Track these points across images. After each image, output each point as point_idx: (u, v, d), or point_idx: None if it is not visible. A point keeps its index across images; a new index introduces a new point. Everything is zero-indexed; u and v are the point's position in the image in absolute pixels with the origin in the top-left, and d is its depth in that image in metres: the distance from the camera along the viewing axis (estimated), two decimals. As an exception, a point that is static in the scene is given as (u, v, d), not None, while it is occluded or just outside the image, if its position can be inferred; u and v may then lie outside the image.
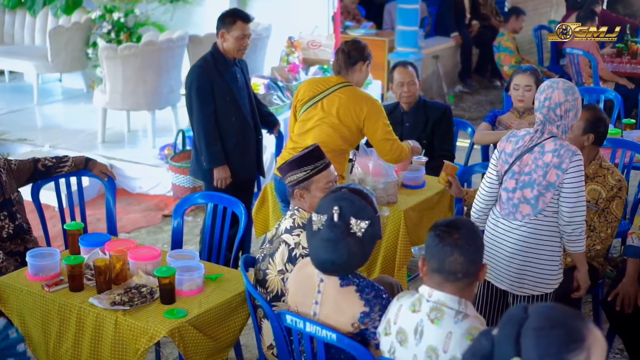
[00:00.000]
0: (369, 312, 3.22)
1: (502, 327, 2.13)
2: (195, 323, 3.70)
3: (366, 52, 5.09)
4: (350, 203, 3.23)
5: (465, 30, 11.95)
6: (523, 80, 5.72)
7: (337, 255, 3.20)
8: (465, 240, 2.87)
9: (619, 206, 4.61)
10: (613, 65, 9.69)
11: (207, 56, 5.52)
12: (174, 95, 8.20)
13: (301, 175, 3.85)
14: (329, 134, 4.94)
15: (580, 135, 4.59)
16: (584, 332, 2.05)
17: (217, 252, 4.78)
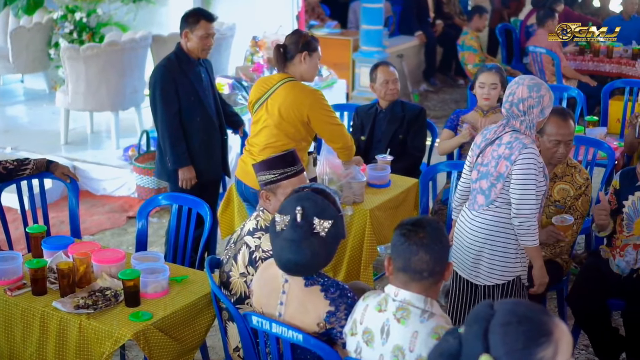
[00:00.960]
0: (334, 312, 3.21)
1: (469, 325, 2.13)
2: (161, 325, 3.68)
3: (303, 42, 4.94)
4: (313, 203, 3.22)
5: (429, 29, 11.99)
6: (489, 78, 5.75)
7: (300, 256, 3.18)
8: (430, 239, 2.88)
9: (584, 203, 4.64)
10: (576, 63, 9.78)
11: (171, 56, 5.49)
12: (137, 96, 8.14)
13: (269, 177, 3.84)
14: (276, 135, 4.90)
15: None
16: (550, 327, 2.07)
17: (182, 254, 4.75)
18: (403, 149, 5.99)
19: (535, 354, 2.03)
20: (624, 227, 4.57)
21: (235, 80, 7.91)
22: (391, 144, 5.97)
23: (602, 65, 9.74)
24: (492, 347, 2.05)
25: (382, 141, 6.01)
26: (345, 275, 5.10)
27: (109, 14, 9.55)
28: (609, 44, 9.82)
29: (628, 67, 9.52)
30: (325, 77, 8.70)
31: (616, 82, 8.09)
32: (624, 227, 4.57)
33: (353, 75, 10.46)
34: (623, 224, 4.58)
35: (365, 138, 6.13)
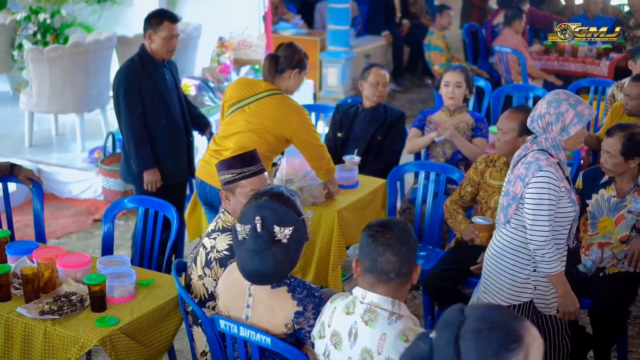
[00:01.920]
0: (302, 312, 3.20)
1: (439, 331, 2.12)
2: (127, 330, 3.64)
3: (297, 60, 4.97)
4: (272, 211, 3.19)
5: (395, 29, 12.01)
6: (453, 77, 5.79)
7: (263, 266, 3.16)
8: (397, 240, 2.87)
9: None
10: (541, 63, 9.84)
11: (135, 57, 5.45)
12: (102, 97, 8.07)
13: (228, 177, 3.82)
14: (254, 140, 4.84)
15: (515, 137, 4.61)
16: (522, 332, 2.06)
17: (149, 257, 4.71)
18: (379, 151, 5.99)
19: (507, 359, 2.03)
20: (588, 226, 4.60)
21: (201, 81, 7.87)
22: (369, 143, 5.97)
23: (568, 65, 9.81)
24: (463, 354, 2.04)
25: (360, 140, 6.01)
26: (314, 276, 5.09)
27: (73, 14, 9.44)
28: (574, 43, 9.89)
29: (593, 67, 9.60)
30: (292, 78, 8.67)
31: (581, 81, 8.16)
32: (589, 227, 4.60)
33: (320, 75, 10.45)
34: (587, 223, 4.60)
35: (342, 135, 6.13)
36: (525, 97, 7.72)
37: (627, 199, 4.50)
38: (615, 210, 4.52)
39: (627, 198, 4.50)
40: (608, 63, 9.48)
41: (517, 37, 9.69)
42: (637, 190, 4.49)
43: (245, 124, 4.89)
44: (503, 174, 4.74)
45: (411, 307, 5.46)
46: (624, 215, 4.51)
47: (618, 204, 4.51)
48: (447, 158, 5.77)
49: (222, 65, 8.27)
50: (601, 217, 4.55)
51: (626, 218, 4.51)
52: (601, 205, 4.53)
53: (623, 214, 4.51)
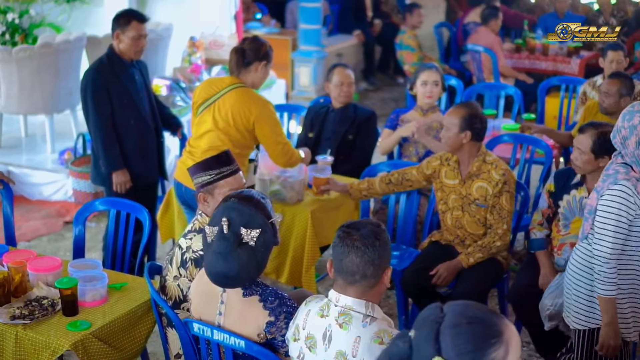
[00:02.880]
0: (274, 321, 3.18)
1: (419, 328, 2.11)
2: (100, 334, 3.62)
3: (263, 52, 4.98)
4: (239, 213, 3.18)
5: (367, 28, 12.02)
6: (431, 76, 5.81)
7: (228, 268, 3.15)
8: (362, 242, 2.85)
9: (508, 200, 4.67)
10: (512, 61, 9.89)
11: (103, 58, 5.41)
12: (72, 98, 7.99)
13: (206, 179, 3.81)
14: (222, 139, 4.85)
15: (457, 133, 4.66)
16: (501, 327, 2.07)
17: (121, 260, 4.67)
18: (351, 151, 5.98)
19: (487, 355, 2.04)
20: (560, 227, 4.62)
21: (172, 81, 7.83)
22: (340, 143, 5.96)
23: (538, 63, 9.87)
24: (443, 350, 2.04)
25: (331, 140, 6.00)
26: (288, 277, 5.08)
27: (42, 14, 9.35)
28: (544, 41, 9.95)
29: (564, 65, 9.66)
30: (264, 78, 8.65)
31: (552, 79, 8.21)
32: (561, 227, 4.62)
33: (292, 74, 10.43)
34: (560, 224, 4.62)
35: (313, 135, 6.12)
36: (496, 96, 7.75)
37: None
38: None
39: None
40: (579, 61, 9.55)
41: (492, 35, 9.73)
42: None
43: (213, 122, 4.88)
44: (456, 172, 4.78)
45: (385, 306, 5.46)
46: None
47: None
48: (420, 157, 5.78)
49: (194, 65, 8.23)
50: (573, 218, 4.56)
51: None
52: (572, 206, 4.55)
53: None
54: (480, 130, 4.68)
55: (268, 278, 5.28)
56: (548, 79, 8.27)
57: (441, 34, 11.57)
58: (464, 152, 4.72)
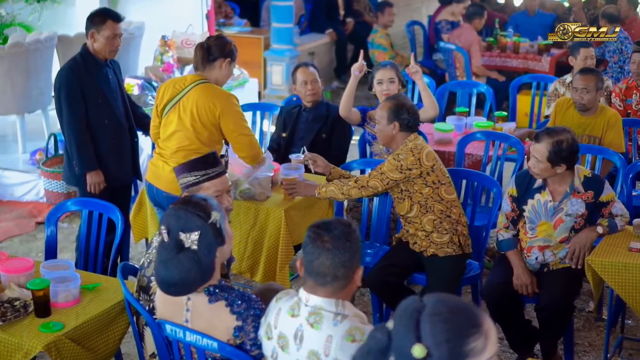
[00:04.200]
0: (242, 326, 3.15)
1: (398, 318, 2.13)
2: (73, 336, 3.60)
3: (228, 49, 4.97)
4: (176, 219, 3.18)
5: (339, 27, 12.03)
6: (385, 74, 5.84)
7: (169, 275, 3.15)
8: (333, 244, 2.85)
9: (389, 163, 4.70)
10: (484, 59, 9.94)
11: (77, 57, 5.37)
12: (44, 98, 7.94)
13: (191, 180, 3.85)
14: (189, 138, 4.84)
15: (386, 125, 4.76)
16: (480, 318, 2.10)
17: (93, 260, 4.65)
18: (326, 150, 5.97)
19: (468, 344, 2.06)
20: (527, 229, 4.66)
21: (144, 80, 7.79)
22: (314, 142, 5.97)
23: (510, 61, 9.94)
24: (423, 337, 2.06)
25: (305, 139, 6.00)
26: (263, 276, 5.07)
27: (12, 14, 9.27)
28: (515, 39, 10.02)
29: (534, 62, 9.74)
30: (237, 76, 8.64)
31: (523, 77, 8.26)
32: (527, 230, 4.65)
33: (265, 73, 10.42)
34: (526, 227, 4.66)
35: (286, 135, 6.12)
36: (469, 94, 7.79)
37: (563, 203, 4.54)
38: (553, 214, 4.57)
39: (564, 202, 4.54)
40: (549, 59, 9.63)
41: (474, 34, 9.78)
42: (573, 194, 4.53)
43: (179, 122, 4.87)
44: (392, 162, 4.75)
45: (360, 304, 5.48)
46: (562, 218, 4.56)
47: (555, 208, 4.56)
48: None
49: (166, 64, 8.19)
50: (539, 222, 4.60)
51: (564, 221, 4.56)
52: (538, 210, 4.58)
53: (561, 217, 4.56)
54: (408, 120, 4.74)
55: (242, 277, 5.28)
56: (519, 77, 8.32)
57: (413, 32, 11.60)
58: (397, 144, 4.78)
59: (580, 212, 4.54)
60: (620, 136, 5.93)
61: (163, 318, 3.35)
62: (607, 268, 4.32)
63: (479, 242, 5.22)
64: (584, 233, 4.57)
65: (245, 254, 5.12)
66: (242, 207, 5.08)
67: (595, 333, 5.24)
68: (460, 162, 6.05)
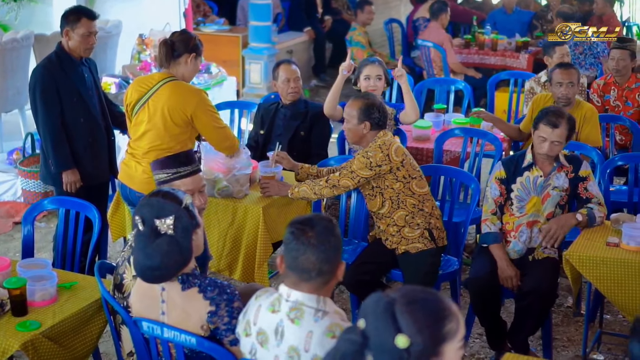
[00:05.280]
0: (215, 311, 3.18)
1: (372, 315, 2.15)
2: (50, 334, 3.58)
3: (192, 44, 4.90)
4: (149, 207, 3.21)
5: (317, 25, 12.02)
6: (373, 70, 5.83)
7: (150, 260, 3.16)
8: (318, 239, 2.86)
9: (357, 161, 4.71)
10: (462, 56, 9.97)
11: (52, 56, 5.34)
12: (20, 97, 7.90)
13: (163, 177, 3.87)
14: (161, 137, 4.81)
15: (356, 125, 4.76)
16: (447, 302, 2.17)
17: (71, 259, 4.63)
18: (306, 148, 5.97)
19: (444, 326, 2.13)
20: (514, 210, 4.69)
21: (122, 79, 7.75)
22: (292, 139, 5.96)
23: (487, 58, 9.97)
24: (404, 328, 2.09)
25: (283, 136, 5.98)
26: (242, 273, 5.07)
27: (-12, 13, 9.24)
28: (493, 36, 10.05)
29: (512, 60, 9.77)
30: (215, 75, 8.61)
31: (501, 74, 8.30)
32: (514, 211, 4.69)
33: (243, 72, 10.40)
34: (513, 208, 4.69)
35: (264, 132, 6.10)
36: (447, 91, 7.80)
37: (551, 177, 4.65)
38: (542, 189, 4.66)
39: (550, 177, 4.65)
40: (527, 56, 9.68)
41: (442, 32, 9.80)
42: (558, 169, 4.66)
43: (149, 121, 4.84)
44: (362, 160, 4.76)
45: (339, 301, 5.48)
46: (549, 192, 4.66)
47: (544, 183, 4.66)
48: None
49: (143, 63, 8.16)
50: (529, 198, 4.68)
51: (551, 195, 4.67)
52: (527, 186, 4.68)
53: (549, 191, 4.66)
54: (379, 119, 4.75)
55: (221, 275, 5.27)
56: (497, 74, 8.35)
57: (391, 30, 11.62)
58: (367, 142, 4.78)
59: (565, 187, 4.66)
60: (597, 130, 5.97)
61: (139, 314, 3.35)
62: (586, 263, 4.35)
63: (458, 238, 5.24)
64: (563, 216, 4.66)
65: (224, 252, 5.11)
66: (221, 205, 5.07)
67: (574, 328, 5.26)
68: (438, 159, 6.07)
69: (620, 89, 6.72)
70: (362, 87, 5.88)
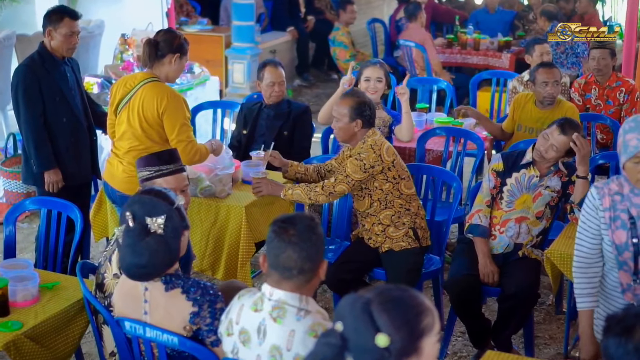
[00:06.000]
0: (198, 312, 3.18)
1: (349, 317, 2.16)
2: (32, 335, 3.58)
3: (177, 44, 4.85)
4: (141, 205, 3.20)
5: (300, 25, 12.02)
6: (374, 72, 5.82)
7: (138, 257, 3.15)
8: (299, 237, 2.87)
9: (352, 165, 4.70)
10: (444, 56, 10.00)
11: (34, 55, 5.32)
12: (3, 97, 7.87)
13: (145, 174, 3.89)
14: (138, 137, 4.80)
15: (348, 123, 4.75)
16: (421, 298, 2.22)
17: (53, 260, 4.62)
18: (289, 148, 5.97)
19: (421, 322, 2.16)
20: (502, 205, 4.72)
21: (104, 79, 7.73)
22: (276, 139, 5.95)
23: (470, 58, 10.00)
24: (382, 327, 2.12)
25: (266, 136, 5.98)
26: (224, 273, 5.07)
27: (-30, 13, 9.19)
28: (475, 36, 10.09)
29: (495, 59, 9.81)
30: (198, 75, 8.60)
31: (483, 73, 8.32)
32: (503, 205, 4.72)
33: (226, 72, 10.39)
34: (502, 202, 4.72)
35: (247, 132, 6.10)
36: (429, 90, 7.82)
37: (545, 179, 4.70)
38: (535, 188, 4.70)
39: (545, 178, 4.70)
40: (509, 55, 9.72)
41: (423, 31, 9.82)
42: (555, 172, 4.70)
43: (128, 121, 4.83)
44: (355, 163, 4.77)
45: (321, 300, 5.49)
46: (541, 192, 4.70)
47: (538, 183, 4.70)
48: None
49: (126, 63, 8.13)
50: (521, 194, 4.72)
51: (543, 194, 4.70)
52: (521, 183, 4.72)
53: (541, 191, 4.70)
54: (370, 116, 4.77)
55: (204, 275, 5.27)
56: (479, 73, 8.38)
57: (374, 30, 11.64)
58: (357, 140, 4.79)
59: (557, 188, 4.71)
60: None
61: (121, 313, 3.35)
62: (567, 261, 4.36)
63: (440, 237, 5.26)
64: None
65: (207, 252, 5.11)
66: (203, 205, 5.07)
67: (556, 326, 5.29)
68: (421, 158, 6.08)
69: (601, 88, 6.76)
70: (362, 88, 5.86)
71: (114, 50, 8.43)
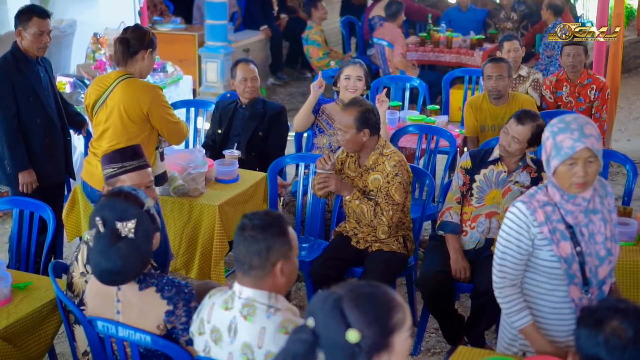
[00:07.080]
0: (173, 310, 3.18)
1: (320, 313, 2.18)
2: (4, 335, 3.58)
3: (148, 40, 4.87)
4: (111, 209, 3.19)
5: (273, 23, 12.02)
6: (354, 71, 5.85)
7: (111, 264, 3.14)
8: (250, 233, 2.87)
9: (396, 190, 4.75)
10: (417, 54, 10.04)
11: (7, 55, 5.31)
12: (-25, 98, 7.79)
13: (109, 172, 3.89)
14: (118, 135, 4.78)
15: (355, 134, 4.73)
16: (392, 294, 2.24)
17: (26, 260, 4.60)
18: (264, 148, 5.97)
19: (392, 318, 2.18)
20: (472, 201, 4.75)
21: (76, 78, 7.69)
22: (251, 140, 5.96)
23: (443, 56, 10.05)
24: (353, 322, 2.14)
25: (241, 136, 5.99)
26: (198, 272, 5.07)
27: (-60, 13, 9.11)
28: (448, 34, 10.13)
29: (467, 57, 9.86)
30: (171, 74, 8.58)
31: (456, 71, 8.36)
32: (473, 201, 4.75)
33: (199, 71, 10.38)
34: (472, 199, 4.75)
35: (221, 131, 6.10)
36: (402, 88, 7.85)
37: (513, 175, 4.72)
38: (504, 183, 4.73)
39: (514, 174, 4.72)
40: (482, 53, 9.76)
41: (397, 29, 9.85)
42: (523, 168, 4.73)
43: (107, 120, 4.82)
44: (356, 164, 4.86)
45: (296, 298, 5.50)
46: (510, 187, 4.73)
47: (506, 179, 4.73)
48: (333, 150, 5.74)
49: (98, 62, 8.10)
50: (489, 190, 4.75)
51: (512, 190, 4.72)
52: (490, 179, 4.74)
53: (510, 186, 4.73)
54: (375, 122, 4.77)
55: (178, 273, 5.27)
56: (452, 71, 8.42)
57: (348, 28, 11.65)
58: (368, 149, 4.81)
59: (526, 184, 4.72)
60: None
61: (94, 312, 3.34)
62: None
63: (413, 233, 5.27)
64: None
65: (180, 251, 5.11)
66: (176, 204, 5.07)
67: (528, 321, 5.31)
68: (394, 156, 6.09)
69: (572, 85, 6.83)
70: (342, 86, 5.90)
71: (87, 49, 8.40)
